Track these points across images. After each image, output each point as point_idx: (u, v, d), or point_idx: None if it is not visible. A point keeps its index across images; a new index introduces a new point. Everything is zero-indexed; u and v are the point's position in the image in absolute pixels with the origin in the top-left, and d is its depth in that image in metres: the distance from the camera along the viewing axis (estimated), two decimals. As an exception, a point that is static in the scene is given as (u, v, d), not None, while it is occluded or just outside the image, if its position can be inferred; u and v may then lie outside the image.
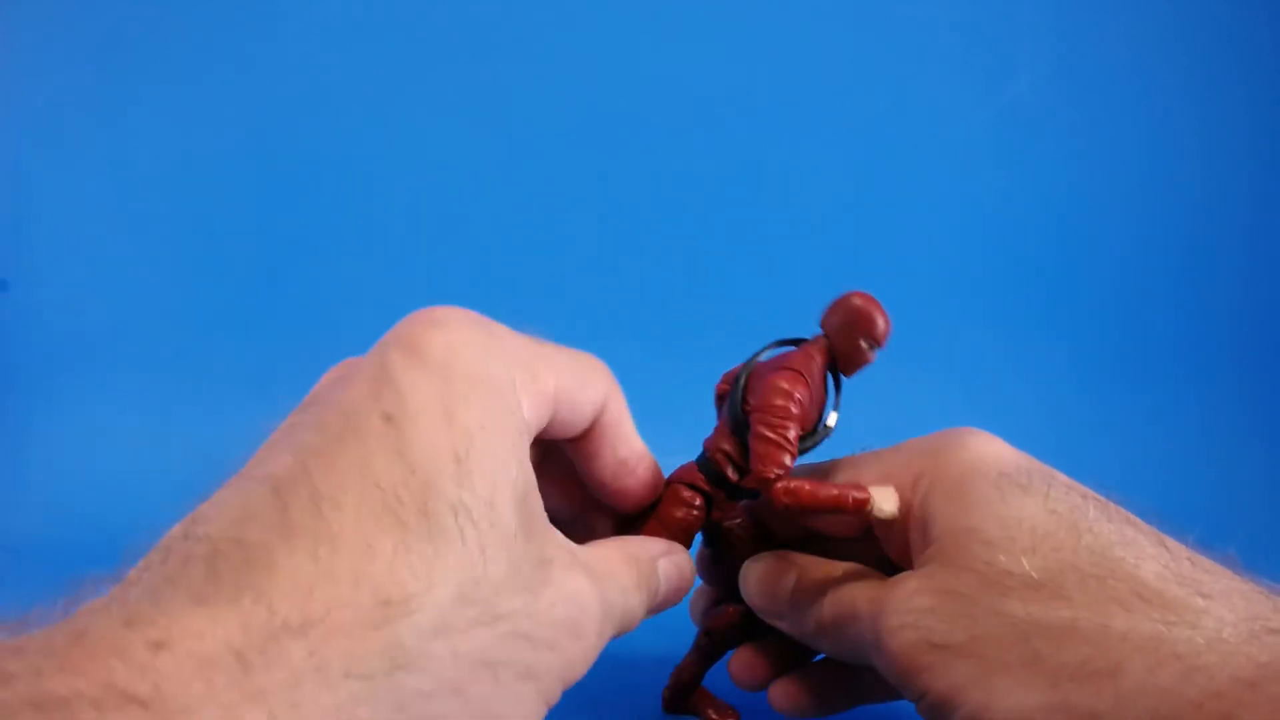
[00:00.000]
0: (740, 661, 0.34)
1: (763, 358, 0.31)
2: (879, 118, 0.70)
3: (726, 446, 0.30)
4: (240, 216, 0.66)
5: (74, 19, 0.64)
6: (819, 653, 0.33)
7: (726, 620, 0.34)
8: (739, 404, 0.30)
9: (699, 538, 0.34)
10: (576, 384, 0.26)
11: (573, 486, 0.31)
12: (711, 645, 0.35)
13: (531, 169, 0.68)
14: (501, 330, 0.25)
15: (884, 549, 0.31)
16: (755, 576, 0.31)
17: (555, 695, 0.23)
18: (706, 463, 0.31)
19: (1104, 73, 0.71)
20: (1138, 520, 0.26)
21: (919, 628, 0.25)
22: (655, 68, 0.68)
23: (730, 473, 0.30)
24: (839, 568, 0.29)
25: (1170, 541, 0.25)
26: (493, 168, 0.68)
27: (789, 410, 0.28)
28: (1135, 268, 0.71)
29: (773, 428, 0.28)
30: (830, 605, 0.28)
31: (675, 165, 0.69)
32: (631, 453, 0.29)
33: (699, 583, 0.36)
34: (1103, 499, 0.27)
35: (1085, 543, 0.24)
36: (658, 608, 0.29)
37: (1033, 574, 0.24)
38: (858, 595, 0.28)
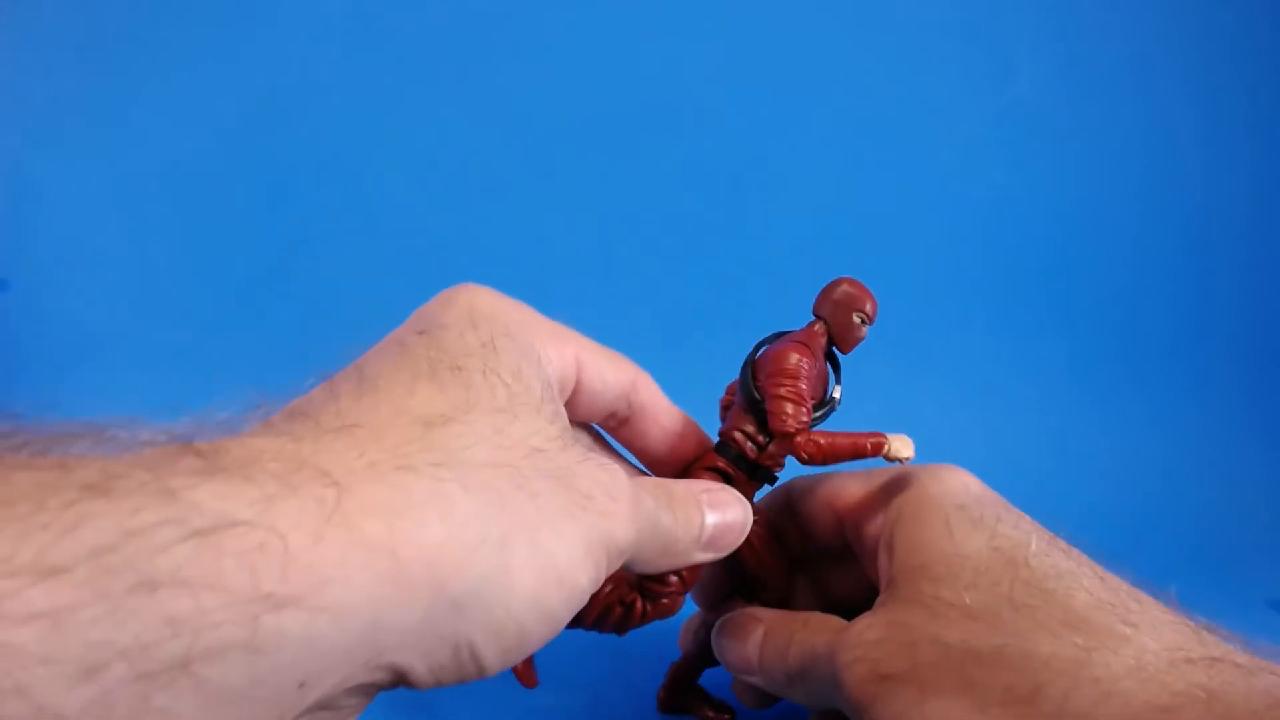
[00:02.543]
0: (743, 686, 0.34)
1: (763, 349, 0.32)
2: (879, 117, 0.70)
3: (744, 426, 0.31)
4: (241, 216, 0.66)
5: (74, 19, 0.64)
6: None
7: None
8: (750, 383, 0.31)
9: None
10: (603, 359, 0.29)
11: None
12: (708, 641, 0.35)
13: (532, 168, 0.68)
14: (525, 305, 0.28)
15: (864, 566, 0.31)
16: (725, 635, 0.32)
17: (600, 559, 0.23)
18: (724, 445, 0.32)
19: (1104, 73, 0.71)
20: (1080, 555, 0.27)
21: (869, 659, 0.26)
22: (655, 67, 0.69)
23: (749, 449, 0.31)
24: (803, 617, 0.30)
25: (1109, 576, 0.26)
26: (492, 166, 0.68)
27: (799, 370, 0.30)
28: (1135, 268, 0.71)
29: (785, 385, 0.30)
30: (795, 653, 0.29)
31: (675, 165, 0.69)
32: (674, 422, 0.31)
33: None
34: (1049, 535, 0.28)
35: (1022, 576, 0.25)
36: (710, 544, 0.28)
37: (972, 607, 0.25)
38: (817, 639, 0.29)
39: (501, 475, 0.21)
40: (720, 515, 0.28)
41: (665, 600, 0.31)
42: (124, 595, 0.15)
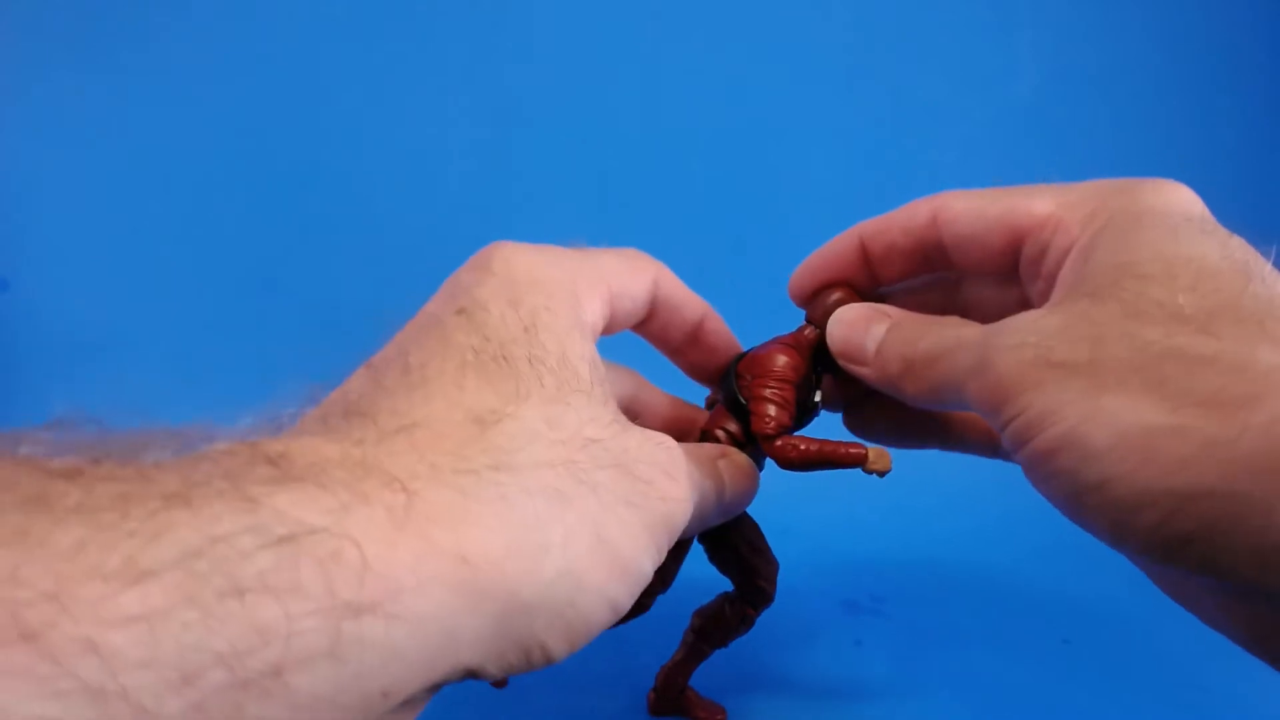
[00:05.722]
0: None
1: (748, 349, 0.32)
2: (879, 117, 0.70)
3: (726, 425, 0.31)
4: (241, 215, 0.66)
5: (74, 19, 0.64)
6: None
7: (715, 612, 0.34)
8: (733, 384, 0.31)
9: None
10: (627, 274, 0.29)
11: None
12: (699, 642, 0.35)
13: (532, 166, 0.68)
14: (553, 248, 0.27)
15: (1026, 289, 0.28)
16: (845, 321, 0.30)
17: (662, 541, 0.23)
18: (706, 439, 0.31)
19: (1104, 73, 0.70)
20: None
21: (1039, 346, 0.22)
22: (655, 66, 0.68)
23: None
24: (942, 317, 0.28)
25: None
26: (491, 165, 0.68)
27: (785, 373, 0.30)
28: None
29: (770, 388, 0.30)
30: (928, 342, 0.27)
31: (672, 165, 0.69)
32: (695, 311, 0.31)
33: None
34: None
35: (1252, 289, 0.21)
36: (728, 503, 0.29)
37: (1185, 309, 0.21)
38: (964, 331, 0.26)
39: (561, 473, 0.21)
40: (733, 481, 0.29)
41: (645, 600, 0.31)
42: (214, 601, 0.15)
